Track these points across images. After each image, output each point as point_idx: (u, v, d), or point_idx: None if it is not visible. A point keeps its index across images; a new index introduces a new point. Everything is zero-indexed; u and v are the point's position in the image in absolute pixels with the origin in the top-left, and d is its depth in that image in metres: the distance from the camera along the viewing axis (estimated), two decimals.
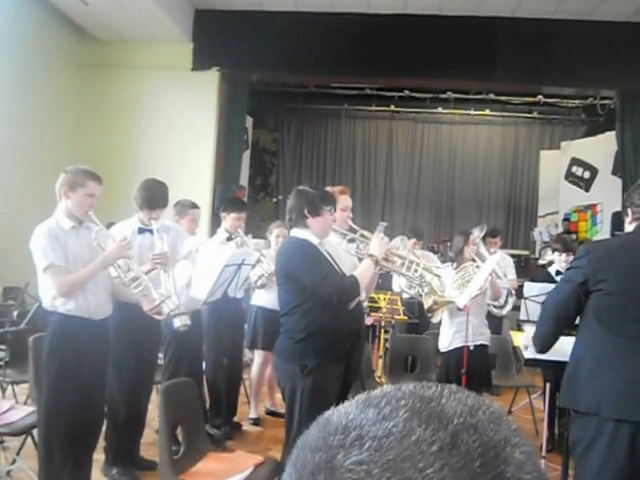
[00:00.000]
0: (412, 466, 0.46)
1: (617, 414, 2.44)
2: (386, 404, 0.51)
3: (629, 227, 2.72)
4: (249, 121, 10.56)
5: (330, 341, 3.14)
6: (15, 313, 5.63)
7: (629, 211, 2.71)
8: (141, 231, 4.00)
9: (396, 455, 0.46)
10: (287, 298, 3.25)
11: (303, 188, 3.36)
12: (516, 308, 5.96)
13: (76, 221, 3.35)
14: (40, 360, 3.45)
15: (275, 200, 12.31)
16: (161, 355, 4.75)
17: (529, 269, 9.69)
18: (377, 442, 0.47)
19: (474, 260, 4.98)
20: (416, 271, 3.48)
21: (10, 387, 5.17)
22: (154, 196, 4.03)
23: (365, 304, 5.51)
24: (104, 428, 3.90)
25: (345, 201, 3.83)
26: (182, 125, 8.81)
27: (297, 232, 3.28)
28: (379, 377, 6.35)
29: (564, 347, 3.31)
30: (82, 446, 3.47)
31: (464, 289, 4.67)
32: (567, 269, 2.90)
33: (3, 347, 5.03)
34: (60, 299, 3.26)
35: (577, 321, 2.78)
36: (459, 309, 4.62)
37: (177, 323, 3.57)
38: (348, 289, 3.14)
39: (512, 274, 6.72)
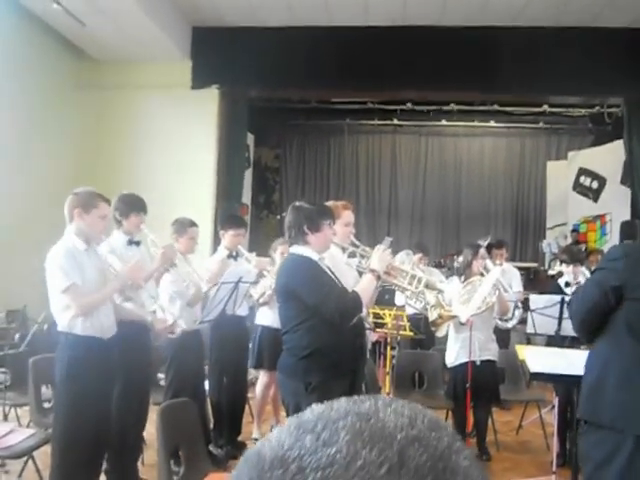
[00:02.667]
0: None
1: None
2: (323, 428, 0.46)
3: None
4: (250, 138, 10.56)
5: (334, 358, 3.09)
6: (17, 336, 5.60)
7: None
8: (129, 243, 4.05)
9: None
10: (289, 315, 3.21)
11: (300, 204, 3.32)
12: (523, 321, 5.88)
13: (87, 243, 3.42)
14: (54, 382, 3.48)
15: (279, 217, 12.27)
16: (162, 376, 4.70)
17: (538, 281, 9.60)
18: (321, 473, 0.42)
19: (482, 274, 4.91)
20: (418, 286, 3.41)
21: (13, 410, 5.14)
22: (135, 201, 4.13)
23: (370, 320, 5.44)
24: None
25: (348, 216, 3.78)
26: (182, 144, 8.79)
27: (297, 249, 3.23)
28: (387, 394, 6.25)
29: (571, 361, 3.22)
30: (95, 467, 3.50)
31: (469, 303, 4.61)
32: (595, 270, 2.74)
33: (4, 370, 5.00)
34: (78, 319, 3.31)
35: None
36: (462, 323, 4.55)
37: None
38: (350, 306, 3.11)
39: (518, 286, 6.62)
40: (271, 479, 0.43)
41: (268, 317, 5.16)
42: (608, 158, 9.97)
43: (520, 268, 8.78)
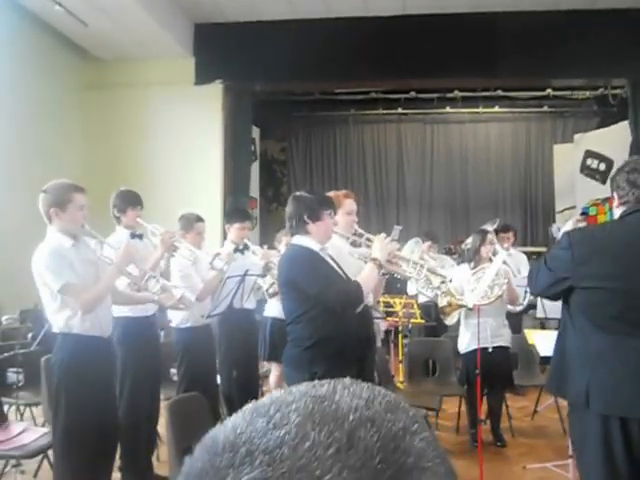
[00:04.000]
0: (308, 475, 0.41)
1: (605, 409, 2.39)
2: (276, 411, 0.46)
3: (616, 211, 2.65)
4: (256, 132, 10.57)
5: (338, 347, 3.08)
6: (30, 335, 5.62)
7: (615, 195, 2.63)
8: (132, 236, 4.10)
9: (290, 466, 0.42)
10: (292, 306, 3.22)
11: (300, 194, 3.32)
12: (532, 306, 5.84)
13: (73, 238, 3.31)
14: (53, 382, 3.41)
15: None
16: (175, 371, 4.71)
17: None
18: (269, 455, 0.43)
19: (491, 260, 4.89)
20: (421, 272, 3.40)
21: (28, 409, 5.17)
22: (130, 195, 4.18)
23: (380, 308, 5.43)
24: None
25: (350, 205, 3.76)
26: (188, 140, 8.82)
27: (298, 239, 3.23)
28: (401, 382, 6.24)
29: None
30: (102, 467, 3.47)
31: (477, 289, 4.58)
32: (550, 253, 2.78)
33: (18, 369, 5.01)
34: (76, 319, 3.21)
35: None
36: (469, 309, 4.53)
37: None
38: (351, 296, 3.10)
39: (526, 270, 6.57)
40: (222, 462, 0.43)
41: (276, 308, 5.16)
42: (614, 140, 9.88)
43: (531, 253, 8.76)
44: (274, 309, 5.21)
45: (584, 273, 2.49)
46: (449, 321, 4.81)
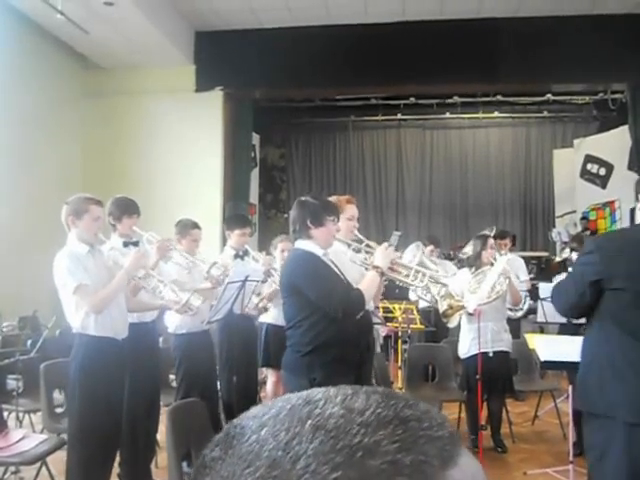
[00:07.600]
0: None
1: (633, 418, 2.35)
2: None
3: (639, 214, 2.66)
4: (256, 138, 10.60)
5: (337, 353, 3.08)
6: (29, 342, 5.62)
7: None
8: (125, 244, 4.09)
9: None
10: (292, 311, 3.21)
11: (305, 199, 3.31)
12: (533, 311, 5.84)
13: (89, 245, 3.50)
14: (67, 384, 3.55)
15: (286, 216, 12.29)
16: (174, 377, 4.71)
17: (550, 270, 9.55)
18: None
19: (492, 264, 4.88)
20: (423, 279, 3.38)
21: (27, 416, 5.16)
22: (127, 203, 4.17)
23: (379, 314, 5.41)
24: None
25: (351, 210, 3.75)
26: (189, 146, 8.85)
27: (301, 244, 3.23)
28: (400, 388, 6.22)
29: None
30: (110, 465, 3.56)
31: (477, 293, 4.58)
32: (573, 267, 2.77)
33: (18, 376, 5.01)
34: (90, 319, 3.39)
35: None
36: (470, 314, 4.52)
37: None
38: (353, 302, 3.09)
39: (524, 275, 6.58)
40: None
41: (272, 315, 5.18)
42: (614, 144, 9.91)
43: (531, 257, 8.76)
44: (270, 315, 5.23)
45: (613, 273, 2.47)
46: (451, 324, 4.79)
